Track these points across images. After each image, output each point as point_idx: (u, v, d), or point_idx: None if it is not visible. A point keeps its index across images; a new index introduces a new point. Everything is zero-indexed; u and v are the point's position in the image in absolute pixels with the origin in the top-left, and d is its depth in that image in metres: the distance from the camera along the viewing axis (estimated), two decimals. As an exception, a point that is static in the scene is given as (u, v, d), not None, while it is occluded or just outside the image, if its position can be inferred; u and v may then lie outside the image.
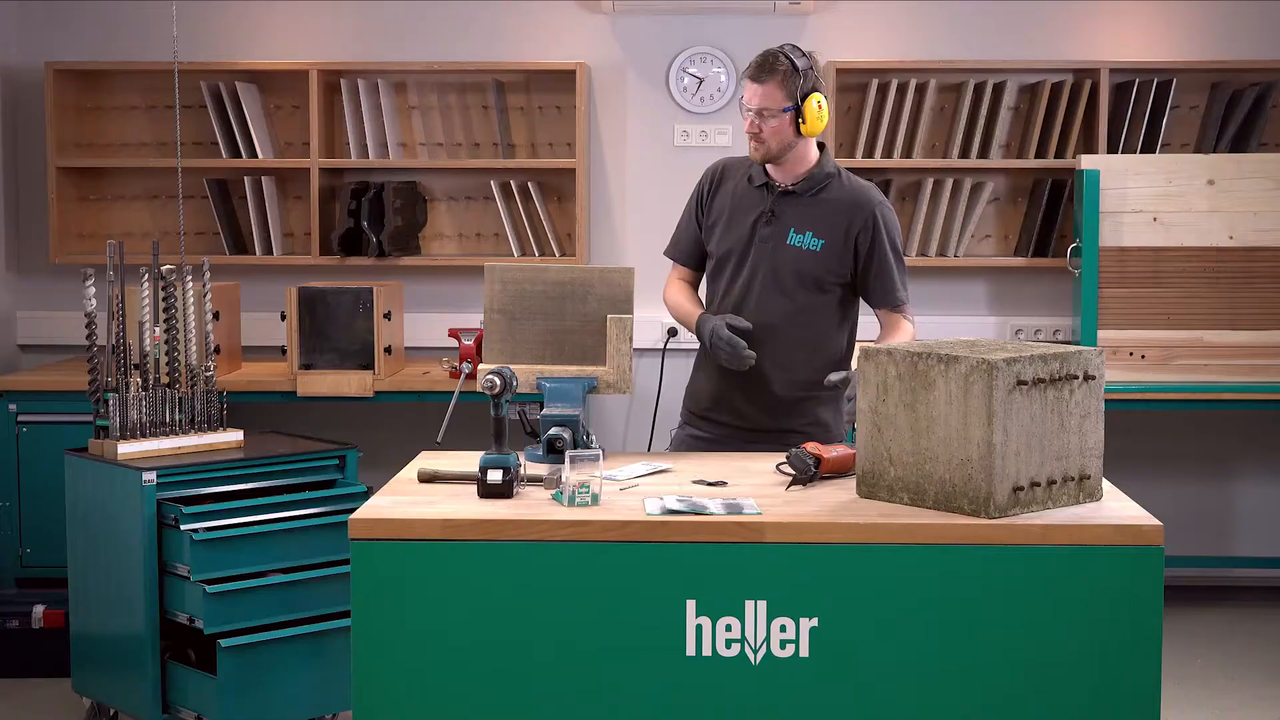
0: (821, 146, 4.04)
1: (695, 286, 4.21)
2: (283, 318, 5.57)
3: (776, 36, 6.04)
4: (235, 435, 4.73)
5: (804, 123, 3.89)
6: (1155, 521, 3.04)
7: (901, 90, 5.94)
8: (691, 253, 4.16)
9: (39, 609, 5.17)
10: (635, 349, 3.89)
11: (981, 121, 5.95)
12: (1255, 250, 5.81)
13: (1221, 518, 6.26)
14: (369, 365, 5.57)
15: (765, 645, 3.03)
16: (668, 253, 4.23)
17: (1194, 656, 5.44)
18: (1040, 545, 3.01)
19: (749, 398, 4.00)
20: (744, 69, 3.95)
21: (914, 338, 3.99)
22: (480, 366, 3.67)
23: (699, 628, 3.04)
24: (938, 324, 6.06)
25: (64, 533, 4.68)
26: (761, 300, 3.98)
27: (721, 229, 4.06)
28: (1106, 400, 3.21)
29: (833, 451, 3.43)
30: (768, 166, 4.00)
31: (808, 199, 3.98)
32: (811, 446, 3.42)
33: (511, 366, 3.57)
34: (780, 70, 3.87)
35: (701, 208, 4.12)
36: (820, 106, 3.90)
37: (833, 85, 5.92)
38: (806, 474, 3.37)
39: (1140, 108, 5.90)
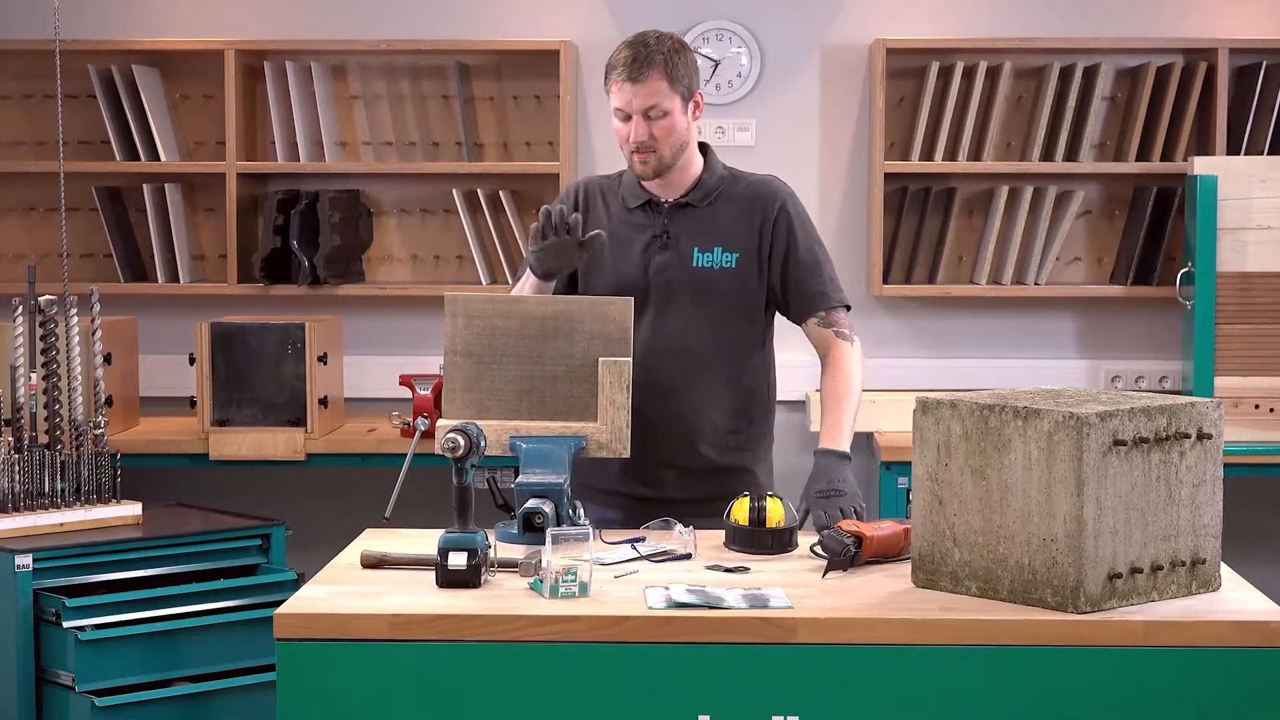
0: (704, 146, 4.08)
1: None
2: (191, 361, 5.59)
3: (807, 8, 6.11)
4: (132, 509, 4.74)
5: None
6: (1287, 617, 3.06)
7: (968, 76, 5.97)
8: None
9: (-118, 729, 5.18)
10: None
11: (1069, 115, 5.97)
12: None
13: (1373, 613, 6.26)
14: (300, 421, 5.59)
15: (798, 773, 3.05)
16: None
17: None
18: (1143, 647, 3.02)
19: (671, 460, 3.98)
20: (614, 70, 3.97)
21: (860, 363, 3.99)
22: (439, 422, 3.69)
23: (715, 751, 3.06)
24: (1015, 368, 6.07)
25: (-85, 632, 4.69)
26: (673, 340, 3.96)
27: (606, 268, 4.02)
28: (1226, 465, 3.23)
29: (877, 529, 3.45)
30: (647, 182, 4.03)
31: (705, 209, 4.02)
32: (849, 524, 3.44)
33: (478, 423, 3.59)
34: (659, 59, 3.92)
35: None
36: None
37: (881, 70, 5.94)
38: (846, 557, 3.38)
39: (1267, 98, 5.93)
